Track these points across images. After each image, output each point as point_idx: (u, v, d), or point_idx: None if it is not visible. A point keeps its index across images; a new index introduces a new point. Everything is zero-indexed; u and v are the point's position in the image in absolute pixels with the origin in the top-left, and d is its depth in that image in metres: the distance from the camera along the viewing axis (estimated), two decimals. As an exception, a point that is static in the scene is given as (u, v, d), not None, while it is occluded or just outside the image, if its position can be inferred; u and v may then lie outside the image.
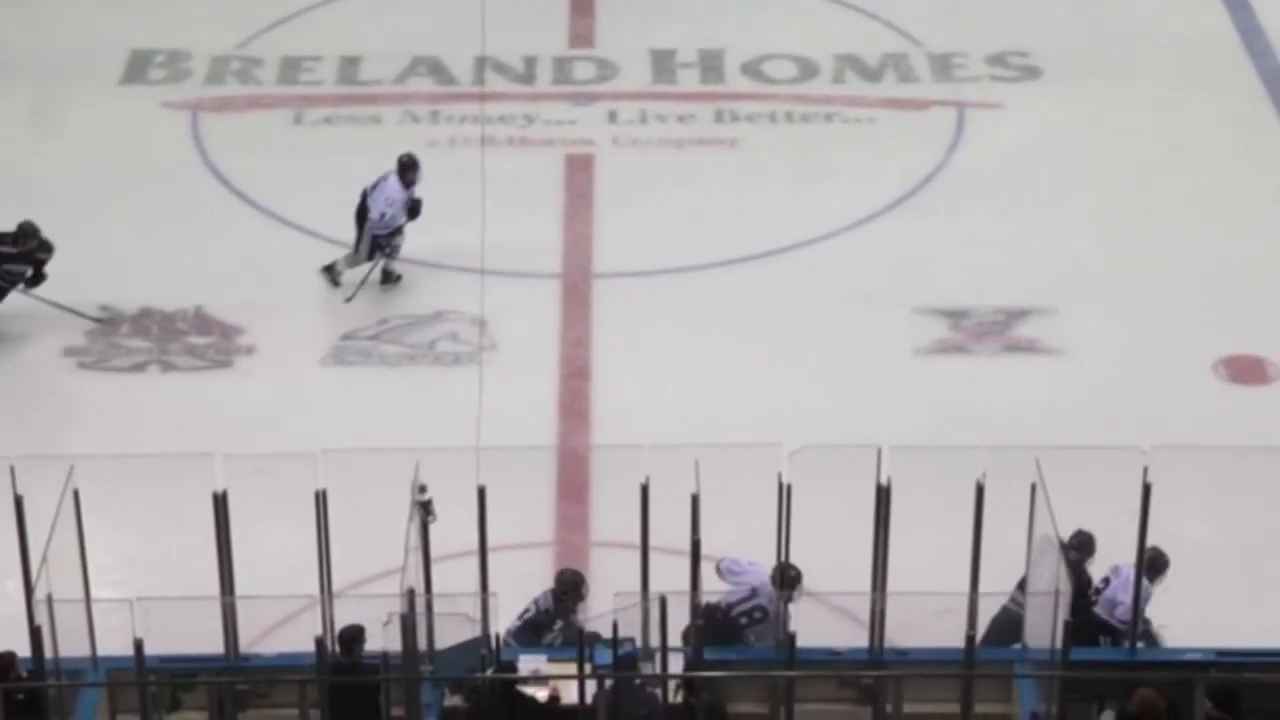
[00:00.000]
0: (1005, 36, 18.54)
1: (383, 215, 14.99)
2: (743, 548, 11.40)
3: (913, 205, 16.39)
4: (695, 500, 10.21)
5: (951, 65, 18.07)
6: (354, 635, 10.03)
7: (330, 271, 15.35)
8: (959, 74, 18.06)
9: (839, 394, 14.02)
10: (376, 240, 15.09)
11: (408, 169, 15.07)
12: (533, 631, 11.14)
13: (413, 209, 15.12)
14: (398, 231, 15.11)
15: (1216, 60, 18.03)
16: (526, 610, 11.21)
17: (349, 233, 15.17)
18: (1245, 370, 14.42)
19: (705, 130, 17.41)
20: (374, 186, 15.08)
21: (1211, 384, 14.30)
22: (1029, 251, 15.58)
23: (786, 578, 10.63)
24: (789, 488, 10.25)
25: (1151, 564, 10.94)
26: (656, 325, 14.90)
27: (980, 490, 10.34)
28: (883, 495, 10.44)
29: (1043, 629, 10.39)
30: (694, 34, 18.71)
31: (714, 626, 10.86)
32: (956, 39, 18.42)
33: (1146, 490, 10.50)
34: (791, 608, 10.43)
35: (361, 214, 15.13)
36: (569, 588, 11.20)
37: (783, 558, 10.54)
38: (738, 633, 11.16)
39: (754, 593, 11.17)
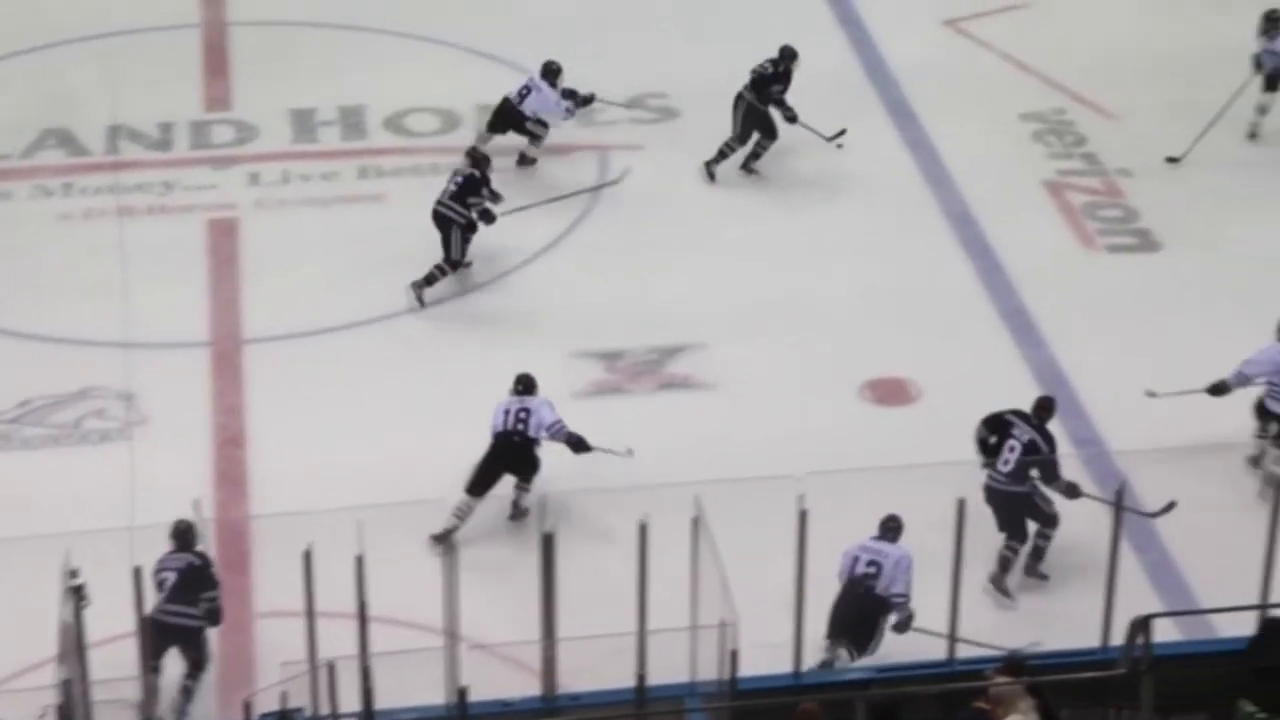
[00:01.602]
0: (644, 79, 18.78)
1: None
2: (413, 606, 11.35)
3: (562, 249, 16.49)
4: (359, 562, 10.12)
5: (591, 109, 18.23)
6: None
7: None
8: (600, 118, 18.24)
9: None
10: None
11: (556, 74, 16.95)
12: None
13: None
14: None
15: (845, 92, 18.50)
16: None
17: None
18: (890, 392, 14.82)
19: (350, 188, 17.30)
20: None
21: (859, 407, 14.67)
22: (677, 289, 15.81)
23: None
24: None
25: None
26: (312, 387, 14.73)
27: (643, 529, 10.44)
28: (548, 542, 10.48)
29: (710, 660, 10.55)
30: (334, 92, 18.58)
31: None
32: (595, 83, 18.58)
33: (803, 516, 10.74)
34: (463, 658, 10.39)
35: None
36: None
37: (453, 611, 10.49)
38: None
39: None
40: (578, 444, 13.45)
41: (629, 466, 13.14)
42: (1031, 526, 12.92)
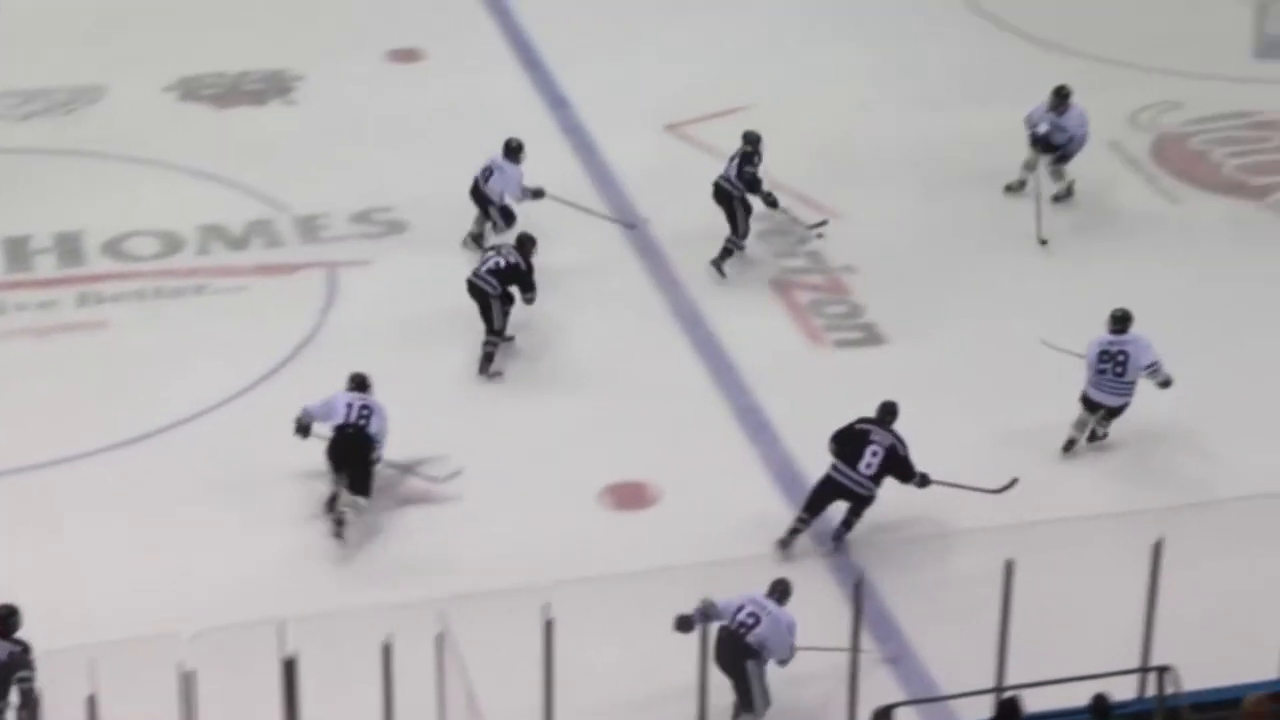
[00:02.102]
0: (368, 193, 18.70)
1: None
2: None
3: (293, 369, 16.29)
4: (91, 701, 9.83)
5: (317, 226, 18.11)
6: None
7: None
8: (325, 234, 18.11)
9: (247, 569, 13.77)
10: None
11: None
12: None
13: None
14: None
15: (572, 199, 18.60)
16: None
17: None
18: (629, 496, 14.84)
19: (69, 316, 16.90)
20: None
21: (599, 513, 14.65)
22: (412, 403, 15.65)
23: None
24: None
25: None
26: (40, 523, 14.30)
27: (387, 651, 10.29)
28: (289, 669, 10.27)
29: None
30: (49, 218, 18.19)
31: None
32: (320, 200, 18.48)
33: (549, 626, 10.67)
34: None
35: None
36: None
37: None
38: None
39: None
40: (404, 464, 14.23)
41: (362, 586, 12.94)
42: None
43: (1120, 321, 14.95)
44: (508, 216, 17.44)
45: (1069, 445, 15.12)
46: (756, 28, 21.96)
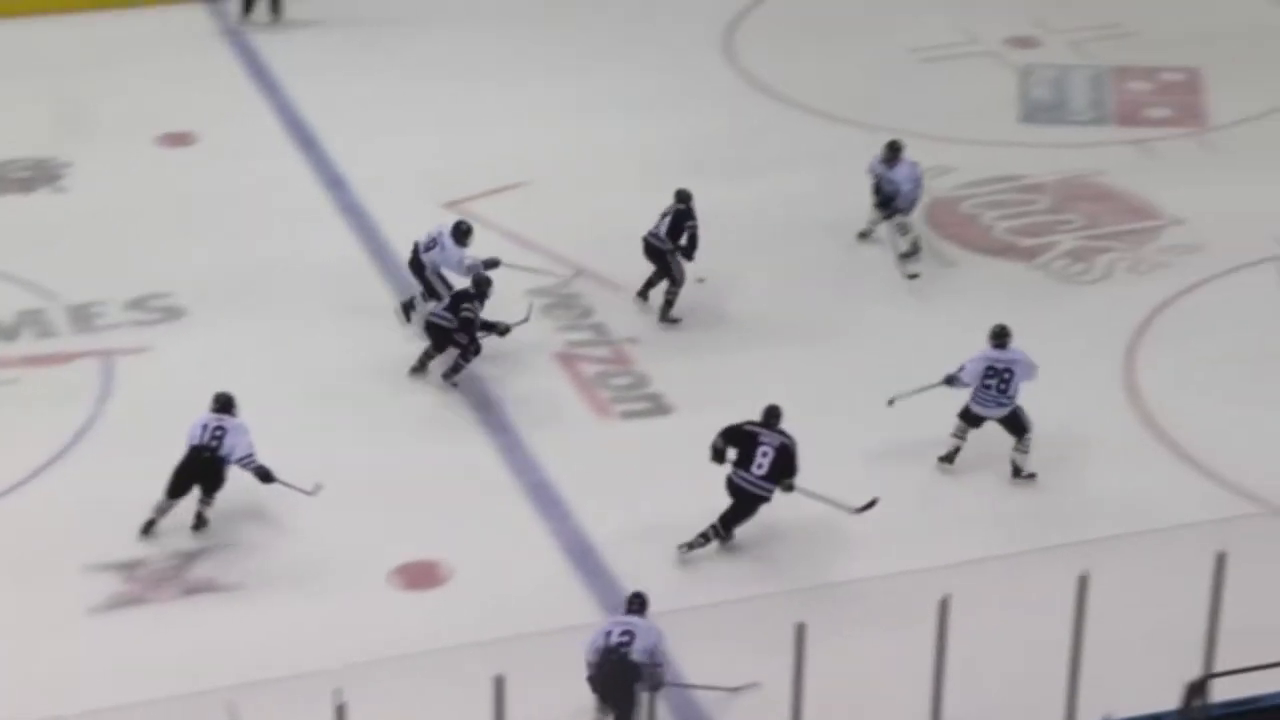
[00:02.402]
0: (144, 279, 18.36)
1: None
2: None
3: (71, 459, 15.89)
4: None
5: (91, 315, 17.74)
6: None
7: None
8: (99, 323, 17.74)
9: (30, 664, 13.37)
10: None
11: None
12: None
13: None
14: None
15: (353, 283, 18.41)
16: None
17: None
18: (420, 576, 14.66)
19: None
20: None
21: (389, 594, 14.45)
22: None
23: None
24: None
25: None
26: None
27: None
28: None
29: None
30: None
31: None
32: (93, 288, 18.09)
33: (340, 711, 10.45)
34: None
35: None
36: None
37: None
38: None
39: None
40: (264, 476, 14.78)
41: (151, 676, 12.62)
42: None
43: (1000, 337, 15.51)
44: (436, 285, 17.39)
45: (951, 456, 15.62)
46: (533, 102, 22.00)
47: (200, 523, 14.93)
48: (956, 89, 22.47)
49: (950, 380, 15.55)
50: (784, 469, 14.43)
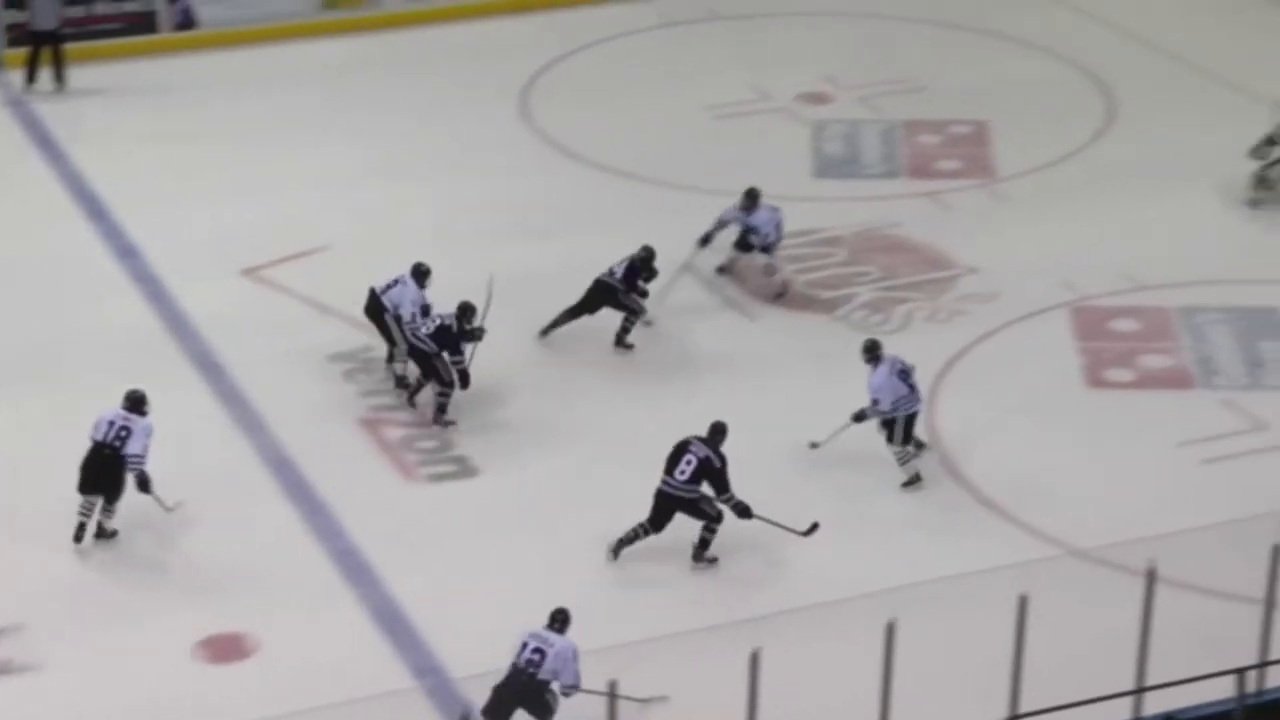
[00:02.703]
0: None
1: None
2: None
3: None
4: None
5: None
6: None
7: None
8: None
9: None
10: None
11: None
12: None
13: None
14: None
15: (148, 351, 18.11)
16: None
17: None
18: (225, 649, 14.40)
19: None
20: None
21: (194, 668, 14.17)
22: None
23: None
24: None
25: None
26: None
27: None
28: None
29: None
30: None
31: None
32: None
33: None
34: None
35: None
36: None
37: None
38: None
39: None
40: (143, 483, 15.08)
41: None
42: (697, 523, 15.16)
43: (874, 349, 16.45)
44: (393, 327, 17.52)
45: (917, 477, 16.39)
46: (329, 166, 21.85)
47: (103, 533, 15.26)
48: (751, 146, 22.67)
49: (861, 416, 16.25)
50: (706, 478, 15.14)
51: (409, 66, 24.74)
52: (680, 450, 15.23)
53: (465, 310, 17.16)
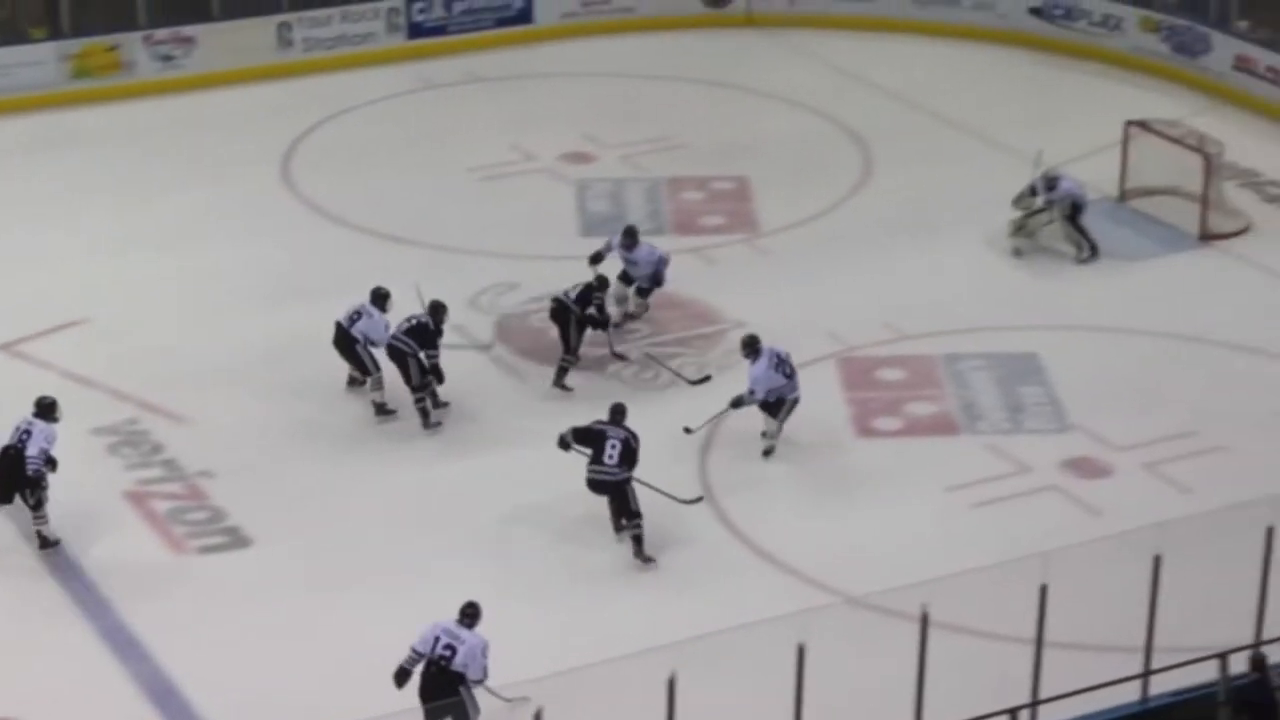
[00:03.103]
0: None
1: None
2: None
3: None
4: None
5: None
6: None
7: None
8: None
9: None
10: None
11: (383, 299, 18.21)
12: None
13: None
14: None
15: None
16: None
17: None
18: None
19: None
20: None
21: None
22: None
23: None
24: None
25: None
26: None
27: None
28: None
29: None
30: None
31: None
32: None
33: None
34: None
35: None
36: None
37: None
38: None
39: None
40: (39, 478, 15.82)
41: None
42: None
43: (752, 344, 17.65)
44: (365, 357, 18.12)
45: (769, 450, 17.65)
46: (91, 237, 21.52)
47: (45, 543, 15.96)
48: (517, 206, 22.73)
49: (739, 403, 17.46)
50: (628, 458, 16.15)
51: (166, 135, 24.46)
52: (600, 437, 16.24)
53: (437, 309, 18.07)
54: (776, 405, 17.61)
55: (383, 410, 18.14)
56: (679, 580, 16.02)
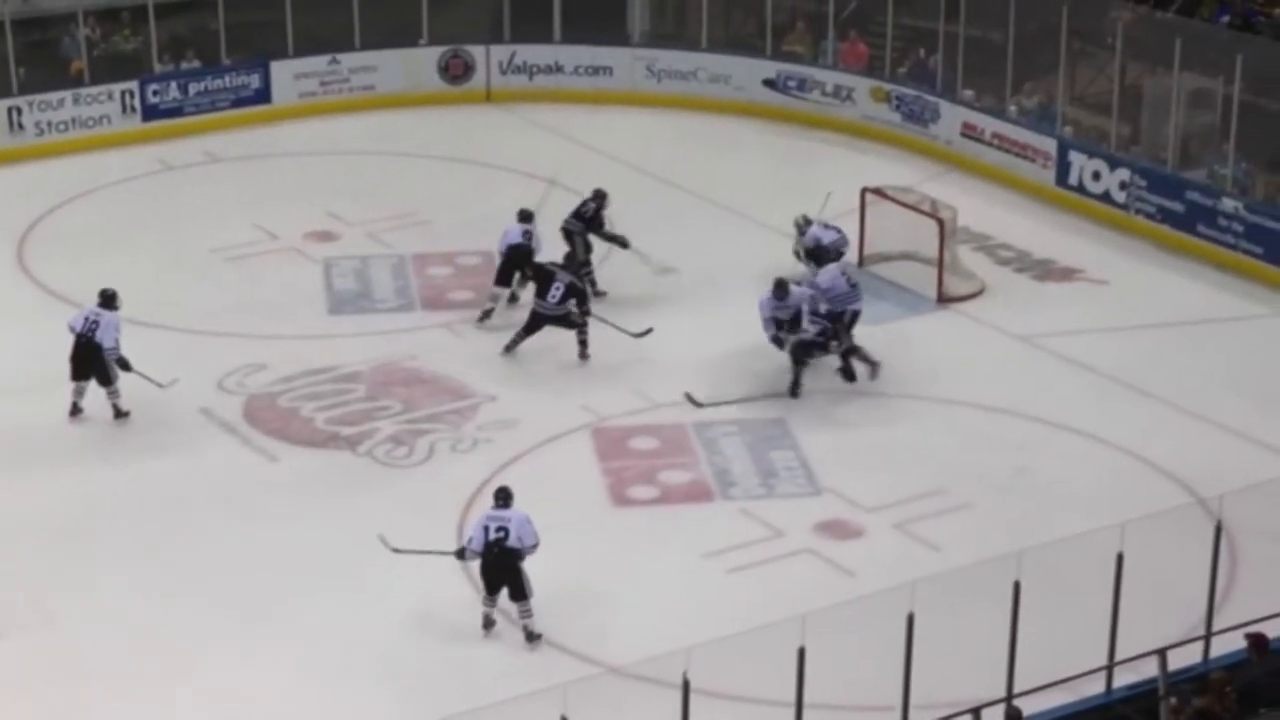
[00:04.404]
0: None
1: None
2: None
3: None
4: None
5: None
6: None
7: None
8: None
9: None
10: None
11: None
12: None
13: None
14: None
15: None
16: None
17: None
18: None
19: None
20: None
21: None
22: None
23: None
24: None
25: None
26: None
27: None
28: None
29: None
30: None
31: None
32: None
33: None
34: None
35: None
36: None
37: None
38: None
39: None
40: (124, 364, 18.86)
41: None
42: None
43: (782, 284, 19.91)
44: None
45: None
46: None
47: (118, 413, 18.93)
48: (263, 285, 22.53)
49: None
50: (572, 296, 20.18)
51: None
52: (548, 277, 20.25)
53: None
54: (837, 318, 20.05)
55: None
56: (443, 656, 15.91)
